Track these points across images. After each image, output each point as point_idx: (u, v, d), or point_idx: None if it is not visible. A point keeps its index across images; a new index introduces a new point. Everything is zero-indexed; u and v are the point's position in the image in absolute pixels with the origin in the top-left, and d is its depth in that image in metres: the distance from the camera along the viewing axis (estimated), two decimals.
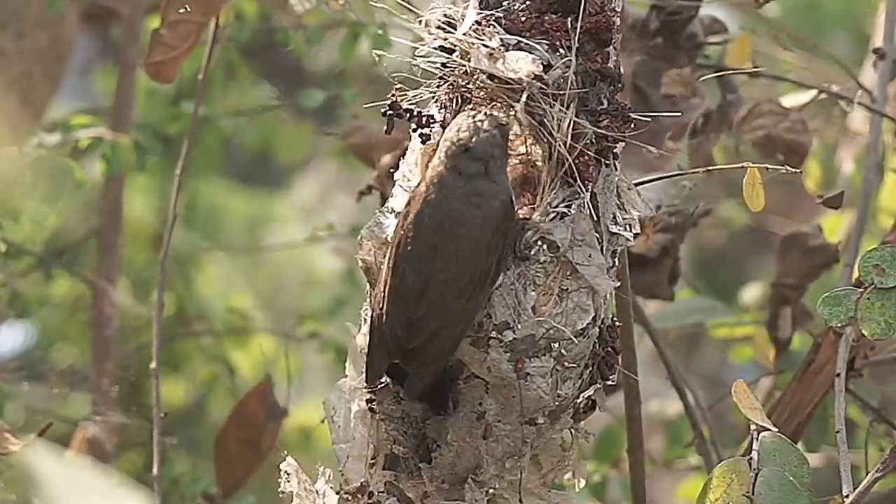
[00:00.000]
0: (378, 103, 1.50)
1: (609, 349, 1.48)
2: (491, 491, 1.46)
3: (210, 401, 2.57)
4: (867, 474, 1.48)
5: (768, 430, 1.46)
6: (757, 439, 1.46)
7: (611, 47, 1.47)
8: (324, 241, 2.35)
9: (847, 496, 1.46)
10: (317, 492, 1.49)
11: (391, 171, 1.57)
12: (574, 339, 1.44)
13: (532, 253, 1.44)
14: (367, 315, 1.48)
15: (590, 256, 1.44)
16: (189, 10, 1.79)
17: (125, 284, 2.44)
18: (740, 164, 1.51)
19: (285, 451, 1.53)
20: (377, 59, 1.54)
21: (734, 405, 1.50)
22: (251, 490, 1.99)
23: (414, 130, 1.49)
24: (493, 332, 1.43)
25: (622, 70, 1.49)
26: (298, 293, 2.99)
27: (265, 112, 2.35)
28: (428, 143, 1.49)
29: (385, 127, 1.49)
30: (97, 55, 3.01)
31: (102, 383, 2.14)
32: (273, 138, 2.57)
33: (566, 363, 1.45)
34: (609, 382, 1.49)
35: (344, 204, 2.96)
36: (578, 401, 1.47)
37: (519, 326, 1.43)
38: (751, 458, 1.45)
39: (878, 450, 1.91)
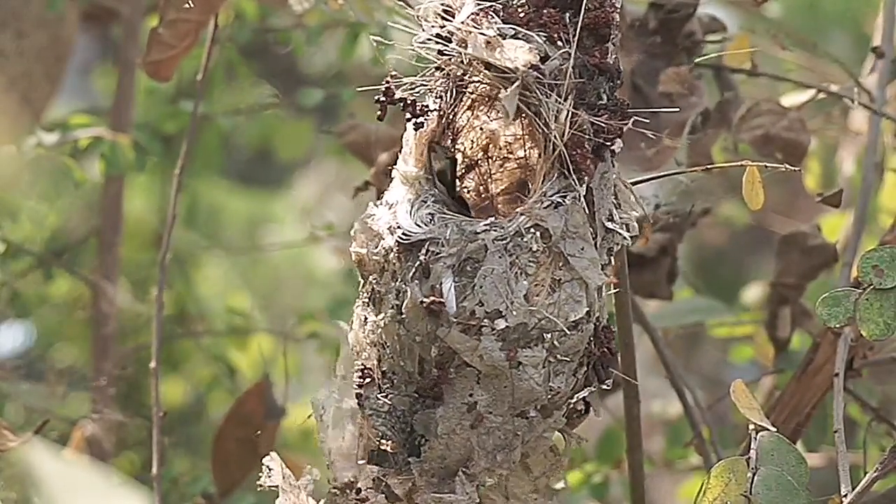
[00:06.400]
0: (373, 87, 1.48)
1: (604, 350, 1.47)
2: (481, 487, 1.45)
3: (209, 400, 2.58)
4: (866, 474, 1.48)
5: (767, 429, 1.46)
6: (755, 439, 1.46)
7: (610, 43, 1.46)
8: (323, 241, 2.35)
9: (846, 496, 1.46)
10: (300, 487, 1.49)
11: (389, 168, 1.56)
12: (567, 332, 1.43)
13: (524, 240, 1.43)
14: (360, 312, 1.48)
15: (582, 249, 1.43)
16: (189, 7, 1.78)
17: (125, 284, 2.43)
18: (739, 163, 1.50)
19: (277, 449, 1.53)
20: (376, 50, 1.53)
21: (734, 405, 1.50)
22: (250, 489, 1.98)
23: (408, 120, 1.49)
24: (486, 320, 1.42)
25: (621, 67, 1.48)
26: (298, 293, 2.99)
27: (264, 111, 2.35)
28: (421, 131, 1.48)
29: (378, 113, 1.48)
30: (97, 55, 3.01)
31: (101, 382, 2.14)
32: (273, 136, 2.57)
33: (559, 356, 1.44)
34: (604, 387, 1.48)
35: (343, 204, 2.96)
36: (573, 401, 1.47)
37: (514, 313, 1.42)
38: (749, 458, 1.45)
39: (878, 450, 1.91)
